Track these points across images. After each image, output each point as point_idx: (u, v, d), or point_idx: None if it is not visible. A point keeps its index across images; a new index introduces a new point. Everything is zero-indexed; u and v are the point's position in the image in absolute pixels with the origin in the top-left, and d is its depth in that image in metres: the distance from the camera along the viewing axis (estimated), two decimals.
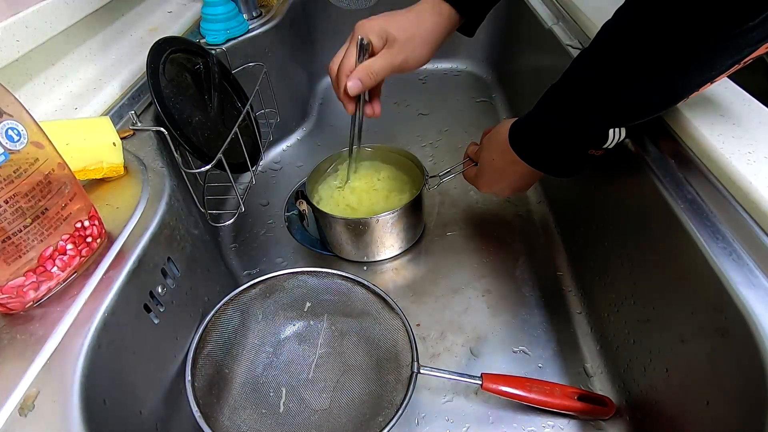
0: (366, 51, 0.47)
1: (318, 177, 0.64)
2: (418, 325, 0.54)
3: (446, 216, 0.68)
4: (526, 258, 0.61)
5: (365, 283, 0.48)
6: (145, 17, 0.67)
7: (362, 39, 0.46)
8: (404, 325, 0.45)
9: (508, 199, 0.69)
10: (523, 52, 0.81)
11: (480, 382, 0.43)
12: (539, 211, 0.67)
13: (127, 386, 0.34)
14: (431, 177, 0.59)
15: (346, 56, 0.48)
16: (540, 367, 0.50)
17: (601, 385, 0.48)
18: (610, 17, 0.34)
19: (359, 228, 0.57)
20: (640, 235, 0.42)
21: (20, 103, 0.29)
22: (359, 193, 0.63)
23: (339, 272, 0.49)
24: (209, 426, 0.38)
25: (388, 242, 0.60)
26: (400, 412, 0.39)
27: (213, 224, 0.59)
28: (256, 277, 0.48)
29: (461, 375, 0.44)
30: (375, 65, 0.47)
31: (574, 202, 0.58)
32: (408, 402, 0.40)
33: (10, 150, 0.28)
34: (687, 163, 0.38)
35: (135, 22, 0.65)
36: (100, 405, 0.30)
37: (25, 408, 0.27)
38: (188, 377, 0.40)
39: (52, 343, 0.30)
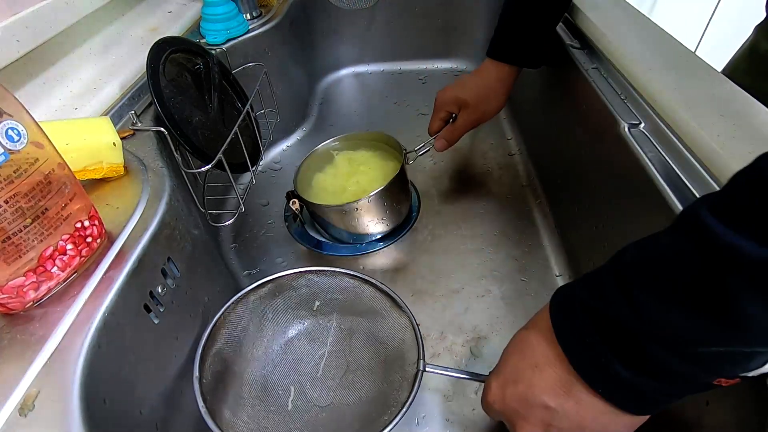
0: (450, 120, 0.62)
1: (304, 173, 0.65)
2: (419, 325, 0.54)
3: (446, 216, 0.68)
4: (526, 258, 0.61)
5: (373, 281, 0.48)
6: (145, 17, 0.67)
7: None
8: (411, 324, 0.45)
9: (509, 197, 0.69)
10: None
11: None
12: (541, 211, 0.67)
13: (127, 386, 0.34)
14: (408, 152, 0.63)
15: (433, 120, 0.64)
16: None
17: None
18: (610, 17, 0.33)
19: (354, 211, 0.58)
20: (641, 236, 0.42)
21: (20, 103, 0.29)
22: (345, 178, 0.65)
23: (347, 271, 0.49)
24: (215, 422, 0.37)
25: (381, 218, 0.61)
26: (404, 409, 0.39)
27: (213, 224, 0.59)
28: (257, 277, 0.48)
29: (468, 373, 0.43)
30: (455, 129, 0.61)
31: (575, 203, 0.58)
32: (413, 399, 0.39)
33: (10, 150, 0.28)
34: (687, 164, 0.38)
35: (135, 22, 0.65)
36: (100, 405, 0.30)
37: (25, 408, 0.27)
38: (196, 373, 0.39)
39: (52, 343, 0.30)
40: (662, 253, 0.24)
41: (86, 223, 0.34)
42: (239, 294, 0.46)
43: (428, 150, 0.64)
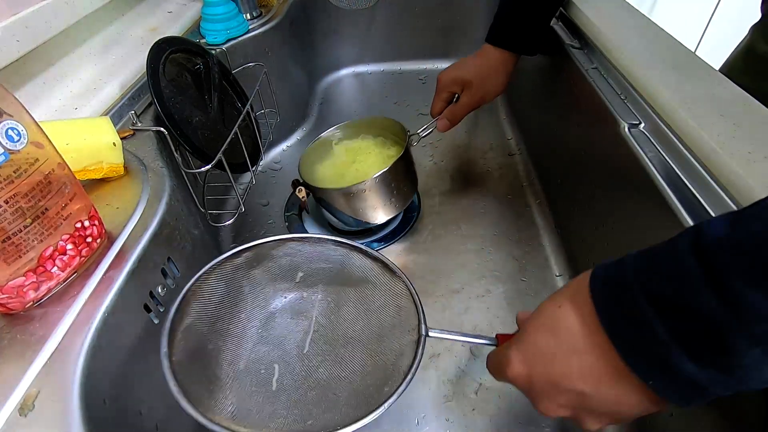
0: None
1: (309, 161, 0.65)
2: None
3: (446, 216, 0.68)
4: (526, 258, 0.61)
5: (362, 247, 0.44)
6: (145, 17, 0.67)
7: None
8: (408, 289, 0.41)
9: (509, 197, 0.69)
10: None
11: (495, 344, 0.39)
12: (541, 211, 0.67)
13: (127, 386, 0.34)
14: (411, 135, 0.62)
15: (435, 102, 0.63)
16: None
17: None
18: (610, 17, 0.33)
19: (361, 194, 0.57)
20: (641, 237, 0.42)
21: (20, 103, 0.29)
22: (345, 167, 0.65)
23: (332, 237, 0.45)
24: (190, 402, 0.32)
25: (390, 199, 0.60)
26: (408, 377, 0.35)
27: (213, 224, 0.59)
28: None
29: (475, 337, 0.39)
30: (457, 108, 0.61)
31: (575, 203, 0.58)
32: (417, 367, 0.36)
33: (10, 150, 0.28)
34: (687, 164, 0.38)
35: (135, 22, 0.65)
36: (100, 405, 0.30)
37: (25, 408, 0.27)
38: (164, 349, 0.34)
39: (52, 343, 0.30)
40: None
41: (86, 223, 0.34)
42: (212, 263, 0.41)
43: (431, 131, 0.63)
